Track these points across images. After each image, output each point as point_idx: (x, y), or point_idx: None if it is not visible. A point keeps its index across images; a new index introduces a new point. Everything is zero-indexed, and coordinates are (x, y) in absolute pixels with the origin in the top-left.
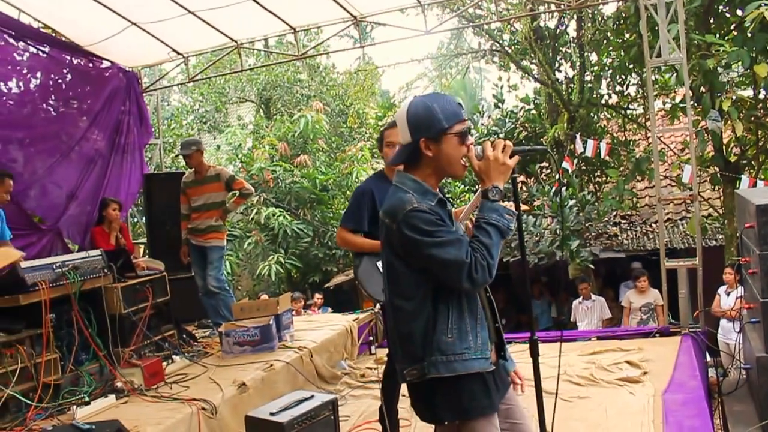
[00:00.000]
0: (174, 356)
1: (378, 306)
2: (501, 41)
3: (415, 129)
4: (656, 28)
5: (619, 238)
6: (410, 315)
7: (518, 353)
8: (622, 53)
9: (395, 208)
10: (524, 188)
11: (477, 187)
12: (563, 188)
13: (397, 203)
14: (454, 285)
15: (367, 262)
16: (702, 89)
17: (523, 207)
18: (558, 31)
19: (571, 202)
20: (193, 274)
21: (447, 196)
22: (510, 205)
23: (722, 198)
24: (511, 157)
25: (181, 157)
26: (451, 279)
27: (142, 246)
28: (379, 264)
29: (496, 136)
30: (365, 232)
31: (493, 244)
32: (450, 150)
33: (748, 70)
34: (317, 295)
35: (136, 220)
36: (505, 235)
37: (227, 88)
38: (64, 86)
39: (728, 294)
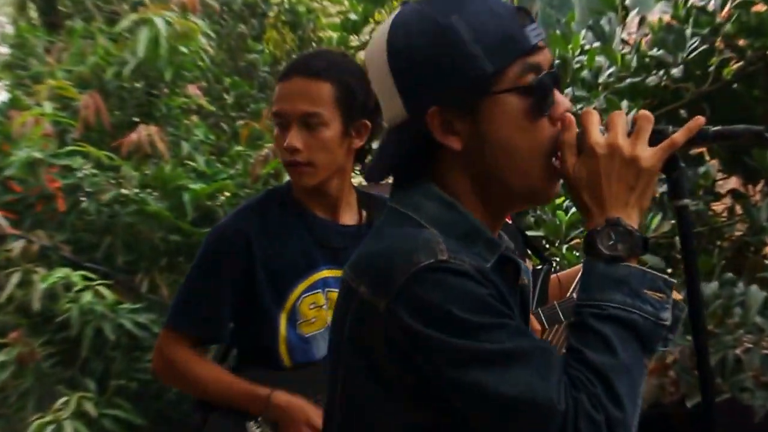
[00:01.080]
0: None
1: None
2: None
3: (414, 85)
4: None
5: None
6: None
7: None
8: None
9: (391, 263)
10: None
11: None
12: None
13: (397, 249)
14: None
15: (219, 423)
16: None
17: None
18: None
19: None
20: None
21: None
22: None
23: None
24: (654, 144)
25: None
26: None
27: None
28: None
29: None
30: (226, 344)
31: (622, 366)
32: (512, 130)
33: None
34: None
35: None
36: (653, 344)
37: None
38: None
39: None
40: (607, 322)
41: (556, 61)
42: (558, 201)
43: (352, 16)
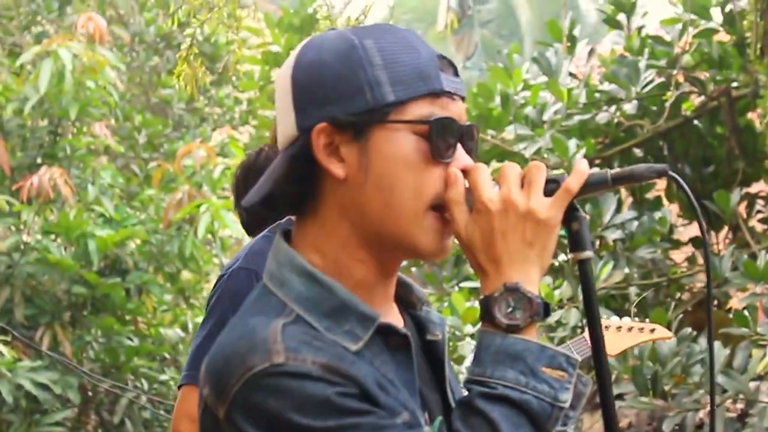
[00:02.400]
0: None
1: None
2: None
3: (309, 98)
4: None
5: None
6: None
7: None
8: None
9: (228, 366)
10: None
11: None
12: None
13: (236, 350)
14: None
15: None
16: None
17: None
18: None
19: None
20: None
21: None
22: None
23: None
24: (549, 195)
25: None
26: None
27: None
28: None
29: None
30: None
31: None
32: (399, 167)
33: None
34: None
35: None
36: (547, 427)
37: None
38: None
39: None
40: (497, 403)
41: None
42: None
43: (275, 48)
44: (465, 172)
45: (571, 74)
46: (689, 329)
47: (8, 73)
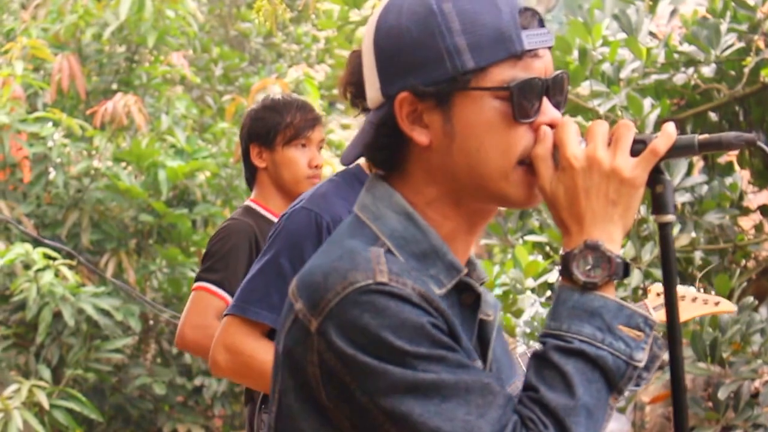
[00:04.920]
0: None
1: None
2: None
3: (391, 66)
4: None
5: None
6: None
7: None
8: None
9: (327, 281)
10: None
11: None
12: None
13: (336, 266)
14: None
15: None
16: None
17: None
18: None
19: None
20: None
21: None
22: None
23: None
24: (636, 155)
25: None
26: None
27: None
28: None
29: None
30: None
31: (581, 408)
32: (484, 132)
33: None
34: None
35: None
36: (622, 385)
37: None
38: None
39: None
40: (572, 356)
41: (576, 54)
42: None
43: None
44: (552, 127)
45: (651, 33)
46: (751, 298)
47: None
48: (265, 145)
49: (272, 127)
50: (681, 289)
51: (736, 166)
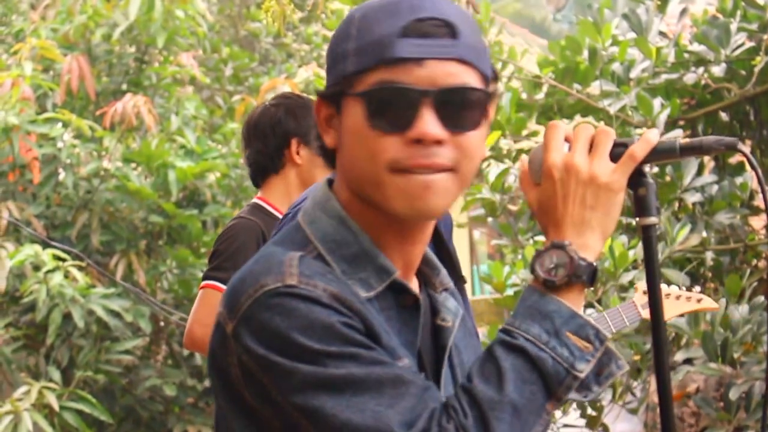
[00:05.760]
0: None
1: None
2: None
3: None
4: None
5: None
6: None
7: None
8: None
9: (242, 285)
10: None
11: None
12: None
13: (252, 271)
14: None
15: None
16: None
17: None
18: None
19: None
20: None
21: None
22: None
23: None
24: (615, 158)
25: None
26: None
27: None
28: None
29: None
30: None
31: (507, 405)
32: (352, 137)
33: None
34: None
35: None
36: (559, 392)
37: None
38: None
39: None
40: (513, 352)
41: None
42: None
43: None
44: (419, 143)
45: (661, 32)
46: (762, 297)
47: None
48: (306, 141)
49: None
50: (665, 288)
51: (747, 166)
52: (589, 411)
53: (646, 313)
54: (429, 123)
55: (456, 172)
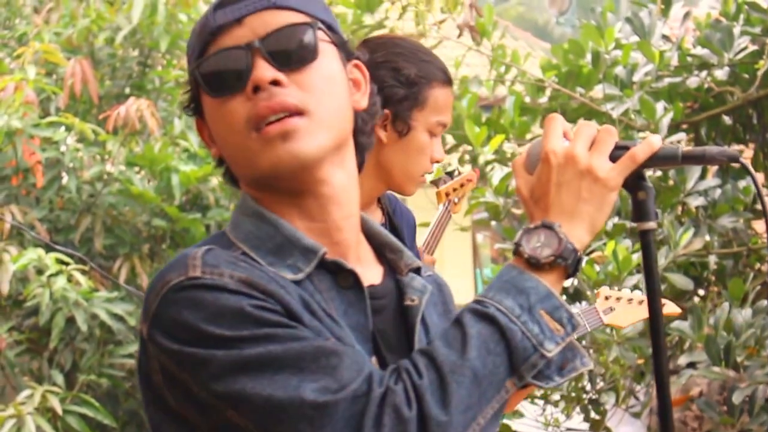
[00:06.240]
0: None
1: None
2: None
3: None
4: None
5: None
6: None
7: None
8: None
9: (150, 287)
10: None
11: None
12: None
13: (159, 273)
14: None
15: None
16: None
17: None
18: None
19: None
20: None
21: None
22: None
23: None
24: (615, 160)
25: None
26: None
27: None
28: None
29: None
30: None
31: (467, 370)
32: (210, 116)
33: None
34: None
35: None
36: (522, 369)
37: None
38: None
39: None
40: (482, 320)
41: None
42: None
43: None
44: (256, 91)
45: (664, 36)
46: (765, 301)
47: (102, 1)
48: None
49: None
50: (628, 293)
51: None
52: (593, 414)
53: (607, 319)
54: (260, 68)
55: (310, 114)
